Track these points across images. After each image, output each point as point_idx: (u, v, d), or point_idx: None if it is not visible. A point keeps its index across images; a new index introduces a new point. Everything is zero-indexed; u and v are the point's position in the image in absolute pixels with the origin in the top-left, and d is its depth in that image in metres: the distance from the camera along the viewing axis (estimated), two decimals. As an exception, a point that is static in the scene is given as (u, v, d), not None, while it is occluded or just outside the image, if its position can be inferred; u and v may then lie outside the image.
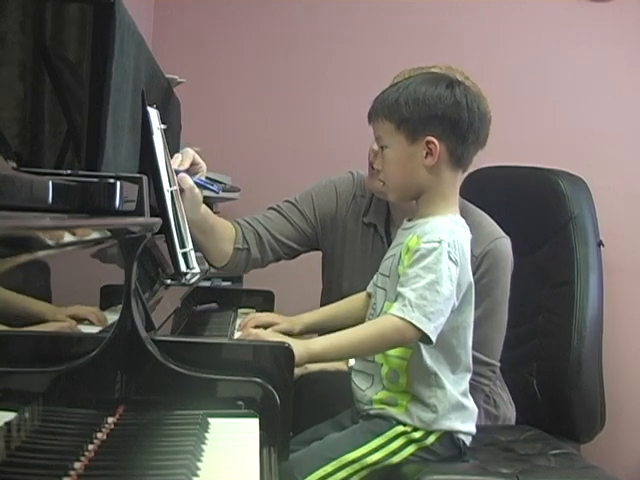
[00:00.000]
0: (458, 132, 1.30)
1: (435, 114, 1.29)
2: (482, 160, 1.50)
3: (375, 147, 1.58)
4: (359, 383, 1.37)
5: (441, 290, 1.23)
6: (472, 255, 1.40)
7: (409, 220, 1.38)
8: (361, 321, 1.39)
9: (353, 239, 1.75)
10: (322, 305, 1.70)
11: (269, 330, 1.48)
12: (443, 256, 1.24)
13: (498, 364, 1.63)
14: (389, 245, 1.60)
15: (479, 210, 1.61)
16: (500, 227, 1.61)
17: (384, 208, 1.72)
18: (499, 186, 2.14)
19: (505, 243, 1.59)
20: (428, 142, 1.30)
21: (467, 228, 1.34)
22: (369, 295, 1.47)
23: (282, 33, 2.63)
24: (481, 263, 1.54)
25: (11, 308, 0.62)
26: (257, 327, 1.50)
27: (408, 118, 1.31)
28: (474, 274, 1.40)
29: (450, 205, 1.34)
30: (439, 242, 1.25)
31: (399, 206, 1.59)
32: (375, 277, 1.45)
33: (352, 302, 1.54)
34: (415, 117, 1.30)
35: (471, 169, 1.57)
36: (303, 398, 1.40)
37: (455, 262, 1.26)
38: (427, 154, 1.30)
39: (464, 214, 1.39)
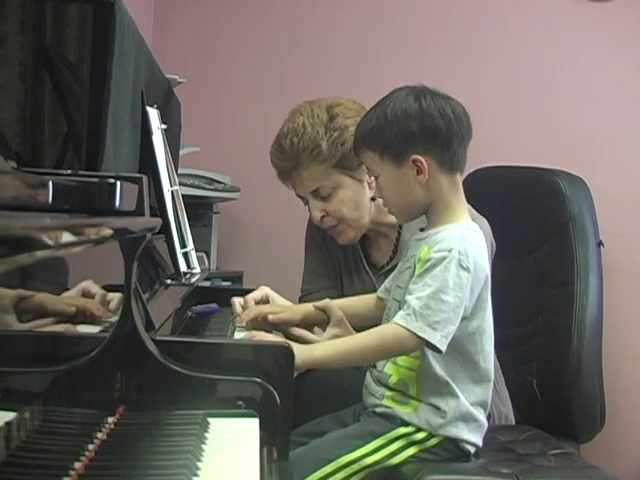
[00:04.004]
0: (440, 141, 1.28)
1: (411, 132, 1.28)
2: (482, 160, 1.51)
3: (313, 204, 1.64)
4: (374, 380, 1.36)
5: (447, 299, 1.22)
6: None
7: (422, 230, 1.37)
8: (367, 323, 1.38)
9: (341, 259, 1.81)
10: None
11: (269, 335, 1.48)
12: (452, 264, 1.23)
13: None
14: (363, 251, 1.68)
15: None
16: (500, 227, 1.60)
17: None
18: (499, 186, 2.14)
19: (483, 223, 1.54)
20: (414, 160, 1.28)
21: (481, 233, 1.32)
22: (380, 299, 1.47)
23: (282, 33, 2.63)
24: None
25: (11, 308, 0.62)
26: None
27: (387, 144, 1.30)
28: None
29: (457, 212, 1.32)
30: (449, 251, 1.24)
31: None
32: (387, 283, 1.45)
33: (363, 301, 1.52)
34: (393, 141, 1.29)
35: (471, 169, 1.57)
36: (306, 389, 1.40)
37: (467, 269, 1.24)
38: (418, 172, 1.29)
39: None
